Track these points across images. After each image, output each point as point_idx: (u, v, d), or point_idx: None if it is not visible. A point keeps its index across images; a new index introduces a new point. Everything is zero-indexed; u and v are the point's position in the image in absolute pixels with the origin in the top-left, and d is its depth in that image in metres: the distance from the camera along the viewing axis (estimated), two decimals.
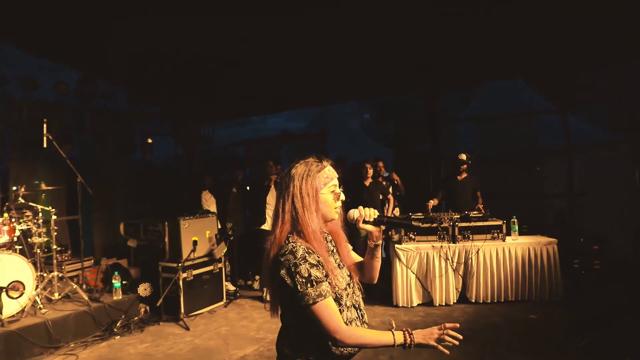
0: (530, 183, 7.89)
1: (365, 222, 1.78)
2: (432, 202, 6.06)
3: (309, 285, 1.56)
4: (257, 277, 6.84)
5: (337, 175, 1.78)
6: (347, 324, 1.65)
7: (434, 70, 7.41)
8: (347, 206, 1.79)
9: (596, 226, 6.65)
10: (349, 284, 1.76)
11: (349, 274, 1.80)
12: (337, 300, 1.65)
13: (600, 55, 6.64)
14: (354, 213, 1.79)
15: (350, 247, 1.95)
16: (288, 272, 1.58)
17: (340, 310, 1.64)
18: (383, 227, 1.81)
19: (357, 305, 1.77)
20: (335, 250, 1.82)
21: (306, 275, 1.57)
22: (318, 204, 1.69)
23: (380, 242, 1.83)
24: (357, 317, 1.74)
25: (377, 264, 1.89)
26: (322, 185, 1.71)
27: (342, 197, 1.77)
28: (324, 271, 1.61)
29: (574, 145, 7.28)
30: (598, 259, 6.10)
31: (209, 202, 7.07)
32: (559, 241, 5.66)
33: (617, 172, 7.11)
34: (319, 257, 1.62)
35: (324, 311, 1.56)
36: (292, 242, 1.63)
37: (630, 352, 3.86)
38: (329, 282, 1.61)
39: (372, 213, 1.77)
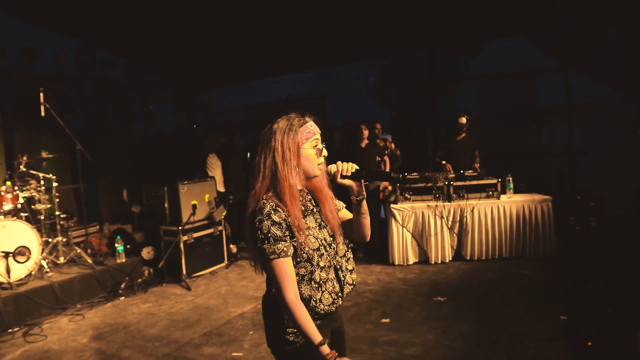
0: (531, 143, 7.85)
1: (343, 176, 1.75)
2: (444, 163, 6.11)
3: (265, 242, 1.59)
4: None
5: (320, 132, 1.76)
6: (319, 284, 1.68)
7: (435, 29, 7.30)
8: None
9: (596, 185, 6.64)
10: (329, 244, 1.74)
11: (331, 234, 1.78)
12: (309, 260, 1.66)
13: (605, 9, 6.47)
14: (332, 168, 1.77)
15: (342, 205, 1.93)
16: (253, 228, 1.63)
17: (312, 270, 1.67)
18: (363, 182, 1.77)
19: (338, 267, 1.77)
20: (316, 210, 1.78)
21: (265, 231, 1.59)
22: (299, 158, 1.68)
23: (362, 197, 1.78)
24: (334, 278, 1.74)
25: (365, 220, 1.83)
26: (303, 140, 1.70)
27: (325, 152, 1.75)
28: (287, 231, 1.61)
29: (575, 104, 7.19)
30: (594, 216, 6.12)
31: (214, 166, 6.87)
32: (557, 199, 5.69)
33: (619, 131, 7.03)
34: (286, 216, 1.62)
35: (275, 270, 1.59)
36: (265, 199, 1.64)
37: (614, 302, 3.94)
38: (293, 243, 1.62)
39: (349, 167, 1.74)
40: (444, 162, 6.17)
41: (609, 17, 6.73)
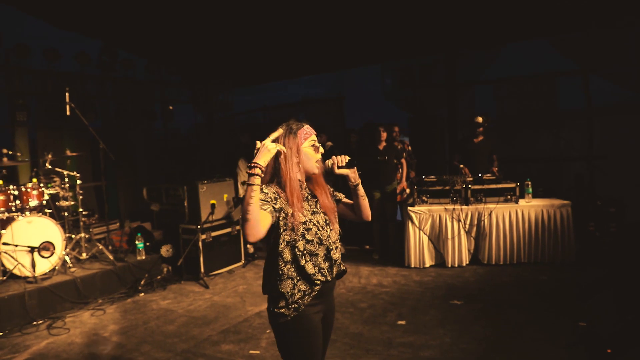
0: (550, 147, 7.76)
1: (339, 167, 2.02)
2: (462, 166, 6.12)
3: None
4: None
5: (315, 133, 2.04)
6: (302, 253, 1.91)
7: (453, 31, 7.27)
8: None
9: (615, 190, 6.55)
10: (322, 227, 1.99)
11: (325, 219, 2.03)
12: (293, 230, 1.89)
13: (626, 12, 6.38)
14: (329, 162, 2.04)
15: (343, 196, 2.24)
16: None
17: (295, 239, 1.90)
18: (356, 169, 2.06)
19: (331, 248, 2.00)
20: (311, 198, 2.03)
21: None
22: (300, 156, 1.97)
23: (357, 182, 2.08)
24: (323, 256, 1.97)
25: (363, 201, 2.14)
26: (302, 140, 1.98)
27: (322, 149, 2.03)
28: (269, 198, 1.83)
29: (595, 108, 7.09)
30: (614, 221, 6.04)
31: (243, 167, 6.67)
32: (576, 204, 5.63)
33: None
34: (277, 194, 1.88)
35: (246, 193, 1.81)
36: (262, 186, 1.86)
37: (634, 309, 3.90)
38: (273, 206, 1.83)
39: (343, 158, 2.03)
40: (461, 165, 6.16)
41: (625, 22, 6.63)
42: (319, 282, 1.94)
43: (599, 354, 3.24)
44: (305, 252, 1.92)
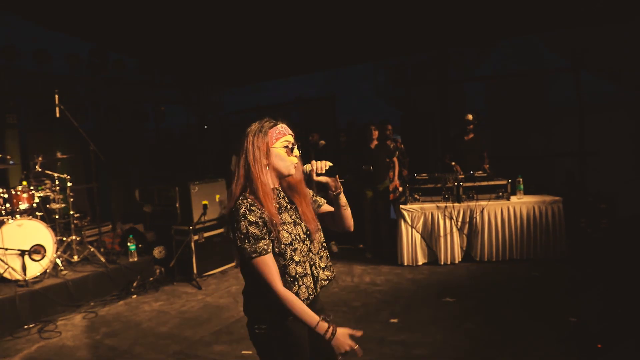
0: (541, 143, 7.80)
1: (318, 174, 1.85)
2: (454, 164, 6.17)
3: (245, 242, 1.67)
4: None
5: (292, 133, 1.86)
6: (294, 278, 1.74)
7: (445, 29, 7.29)
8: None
9: (606, 186, 6.59)
10: (302, 240, 1.81)
11: (305, 230, 1.85)
12: (281, 254, 1.73)
13: (618, 9, 6.42)
14: (307, 167, 1.87)
15: (323, 201, 2.04)
16: (232, 228, 1.71)
17: (285, 264, 1.73)
18: (338, 177, 1.89)
19: (311, 263, 1.83)
20: (290, 207, 1.85)
21: (244, 232, 1.67)
22: (270, 157, 1.79)
23: (339, 191, 1.89)
24: (309, 274, 1.80)
25: (345, 212, 1.95)
26: (274, 140, 1.80)
27: (297, 152, 1.84)
28: (264, 228, 1.69)
29: (586, 104, 7.13)
30: (606, 217, 6.08)
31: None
32: (567, 200, 5.66)
33: (631, 131, 6.96)
34: (262, 214, 1.69)
35: (259, 267, 1.67)
36: (241, 199, 1.72)
37: (623, 305, 3.94)
38: (271, 239, 1.70)
39: (323, 165, 1.84)
40: (453, 162, 6.19)
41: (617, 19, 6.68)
42: (306, 302, 1.78)
43: (590, 349, 3.26)
44: (297, 276, 1.76)
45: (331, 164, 1.86)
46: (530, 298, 4.45)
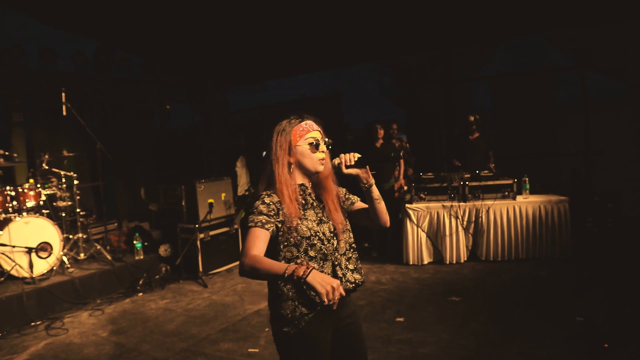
0: (547, 143, 7.78)
1: (347, 167, 1.82)
2: (457, 162, 6.18)
3: (250, 214, 1.72)
4: None
5: (319, 129, 1.85)
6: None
7: (450, 28, 7.27)
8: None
9: (612, 185, 6.57)
10: (328, 239, 1.79)
11: (332, 230, 1.82)
12: (296, 245, 1.74)
13: (625, 8, 6.39)
14: (335, 161, 1.84)
15: (357, 199, 1.99)
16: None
17: (297, 255, 1.74)
18: (369, 169, 1.84)
19: (337, 263, 1.80)
20: (317, 205, 1.84)
21: (255, 207, 1.73)
22: (295, 155, 1.80)
23: (370, 183, 1.84)
24: (329, 273, 1.77)
25: (380, 205, 1.89)
26: (297, 138, 1.80)
27: (323, 147, 1.82)
28: (272, 211, 1.71)
29: (592, 103, 7.11)
30: (612, 217, 6.06)
31: (241, 167, 6.87)
32: (573, 200, 5.65)
33: (637, 130, 6.94)
34: (277, 202, 1.73)
35: (249, 235, 1.67)
36: (265, 191, 1.77)
37: (630, 304, 3.92)
38: (277, 223, 1.71)
39: (351, 157, 1.81)
40: (458, 163, 6.18)
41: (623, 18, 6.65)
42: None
43: (596, 348, 3.25)
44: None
45: (360, 155, 1.82)
46: (536, 297, 4.44)
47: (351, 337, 1.88)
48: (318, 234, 1.77)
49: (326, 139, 1.85)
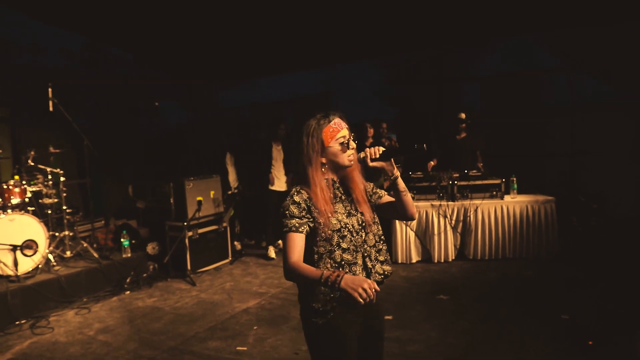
0: (535, 143, 7.84)
1: (373, 160, 1.85)
2: (432, 163, 6.17)
3: (283, 217, 1.79)
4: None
5: (346, 126, 1.87)
6: (339, 264, 1.78)
7: (441, 27, 7.31)
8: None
9: (599, 185, 6.65)
10: (357, 231, 1.85)
11: (361, 222, 1.88)
12: (328, 240, 1.79)
13: (615, 10, 6.48)
14: (361, 155, 1.87)
15: (384, 193, 2.02)
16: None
17: (331, 250, 1.79)
18: (394, 161, 1.87)
19: (366, 255, 1.86)
20: (345, 198, 1.90)
21: (286, 208, 1.79)
22: (328, 156, 1.85)
23: (395, 175, 1.86)
24: (361, 264, 1.83)
25: (405, 197, 1.89)
26: (329, 139, 1.83)
27: (353, 144, 1.86)
28: (304, 211, 1.77)
29: (579, 104, 7.19)
30: (597, 217, 6.14)
31: (230, 163, 6.94)
32: (560, 200, 5.71)
33: (624, 131, 7.02)
34: (308, 198, 1.78)
35: (287, 241, 1.75)
36: (296, 188, 1.84)
37: (614, 302, 3.98)
38: (309, 223, 1.77)
39: (376, 150, 1.84)
40: (430, 163, 6.21)
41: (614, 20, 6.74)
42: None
43: (581, 346, 3.30)
44: (343, 262, 1.79)
45: (384, 149, 1.84)
46: (524, 296, 4.48)
47: (375, 327, 1.95)
48: (348, 226, 1.83)
49: (352, 134, 1.88)
